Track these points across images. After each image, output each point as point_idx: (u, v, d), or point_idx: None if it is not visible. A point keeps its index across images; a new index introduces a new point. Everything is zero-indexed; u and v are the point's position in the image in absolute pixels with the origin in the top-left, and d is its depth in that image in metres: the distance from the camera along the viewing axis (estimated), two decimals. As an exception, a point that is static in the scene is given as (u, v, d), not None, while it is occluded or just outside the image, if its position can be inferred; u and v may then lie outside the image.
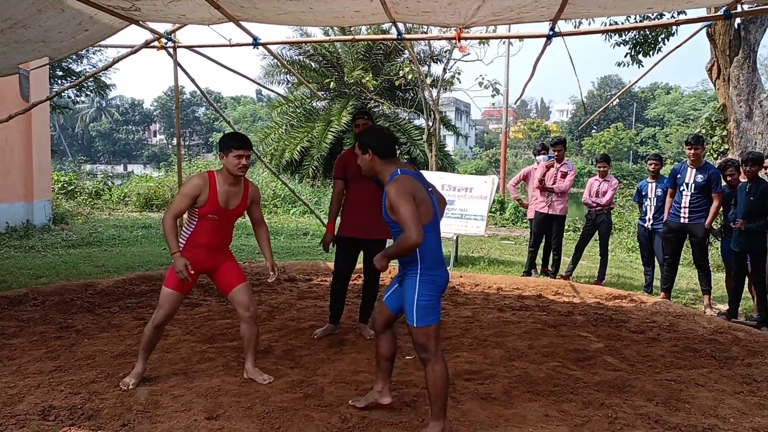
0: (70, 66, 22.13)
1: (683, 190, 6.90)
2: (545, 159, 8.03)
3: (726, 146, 11.46)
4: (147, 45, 6.83)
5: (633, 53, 12.84)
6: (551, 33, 6.07)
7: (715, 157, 11.46)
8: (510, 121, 28.68)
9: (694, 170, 6.85)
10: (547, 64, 7.04)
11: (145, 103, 75.80)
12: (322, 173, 22.38)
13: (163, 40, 6.95)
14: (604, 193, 8.06)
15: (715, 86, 11.90)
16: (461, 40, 6.48)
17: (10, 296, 6.15)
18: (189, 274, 3.80)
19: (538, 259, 8.45)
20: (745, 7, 5.36)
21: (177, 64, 7.39)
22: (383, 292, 3.64)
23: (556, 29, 6.04)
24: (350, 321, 5.69)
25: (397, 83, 18.41)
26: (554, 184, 7.95)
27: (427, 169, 17.62)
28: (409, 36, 7.69)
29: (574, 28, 11.09)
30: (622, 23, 10.67)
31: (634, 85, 10.09)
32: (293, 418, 3.53)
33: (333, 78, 17.95)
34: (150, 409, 3.62)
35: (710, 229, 6.88)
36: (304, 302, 6.59)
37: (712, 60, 11.47)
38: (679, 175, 6.98)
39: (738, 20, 10.77)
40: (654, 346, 5.30)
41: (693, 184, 6.82)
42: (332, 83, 17.02)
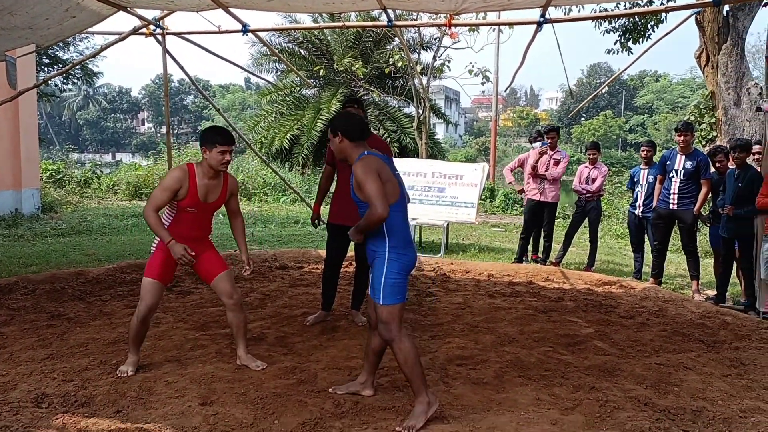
0: (56, 53, 21.89)
1: (672, 176, 6.95)
2: (540, 146, 8.04)
3: (714, 133, 11.53)
4: (135, 32, 6.77)
5: (622, 41, 12.86)
6: (542, 20, 6.08)
7: (703, 144, 11.54)
8: (499, 109, 28.70)
9: (684, 157, 6.90)
10: (536, 51, 7.05)
11: (133, 91, 75.24)
12: (312, 161, 22.32)
13: (152, 27, 6.90)
14: (594, 180, 8.10)
15: (703, 73, 11.95)
16: (452, 27, 6.48)
17: (0, 285, 6.12)
18: (190, 255, 3.78)
19: (528, 245, 8.49)
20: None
21: (166, 51, 7.33)
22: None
23: (547, 16, 6.05)
24: (342, 308, 5.71)
25: (387, 71, 18.36)
26: (546, 171, 7.97)
27: (417, 156, 17.63)
28: (400, 23, 7.68)
29: (564, 15, 11.09)
30: (612, 10, 10.68)
31: (624, 72, 10.12)
32: (287, 404, 3.55)
33: (323, 66, 17.83)
34: (144, 395, 3.63)
35: (699, 215, 6.94)
36: (296, 289, 6.61)
37: (700, 47, 11.52)
38: (669, 162, 7.03)
39: (726, 7, 10.81)
40: (643, 330, 5.36)
41: (682, 171, 6.86)
42: (322, 71, 16.91)
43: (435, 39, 19.28)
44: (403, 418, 3.36)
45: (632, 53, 12.92)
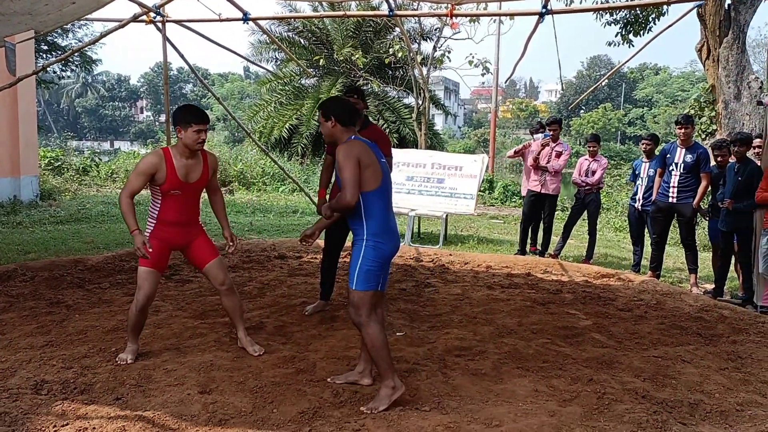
0: (55, 40, 21.74)
1: (672, 169, 6.94)
2: (543, 138, 8.01)
3: (714, 127, 11.51)
4: (135, 19, 6.73)
5: (624, 33, 12.81)
6: (543, 10, 6.06)
7: (703, 137, 11.52)
8: (499, 101, 28.64)
9: (684, 150, 6.89)
10: (536, 43, 7.03)
11: (132, 79, 74.95)
12: (311, 151, 22.28)
13: (152, 15, 6.86)
14: (594, 172, 8.09)
15: (704, 67, 11.92)
16: (453, 17, 6.46)
17: (-2, 272, 6.12)
18: (147, 251, 3.76)
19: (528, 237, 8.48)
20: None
21: (166, 39, 7.30)
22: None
23: (548, 7, 6.03)
24: (341, 298, 5.72)
25: (387, 61, 18.28)
26: (548, 163, 7.95)
27: (416, 147, 17.60)
28: (401, 12, 7.64)
29: (566, 6, 11.06)
30: (614, 2, 10.65)
31: (624, 65, 10.10)
32: (286, 393, 3.56)
33: (322, 55, 17.75)
34: (143, 383, 3.64)
35: (698, 208, 6.94)
36: (294, 279, 6.61)
37: (701, 40, 11.47)
38: (669, 155, 7.02)
39: (728, 0, 10.77)
40: (641, 323, 5.37)
41: (682, 164, 6.85)
42: (321, 60, 16.85)
43: (435, 29, 19.19)
44: (402, 406, 3.37)
45: (633, 46, 12.89)
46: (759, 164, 6.34)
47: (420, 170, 9.78)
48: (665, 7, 10.97)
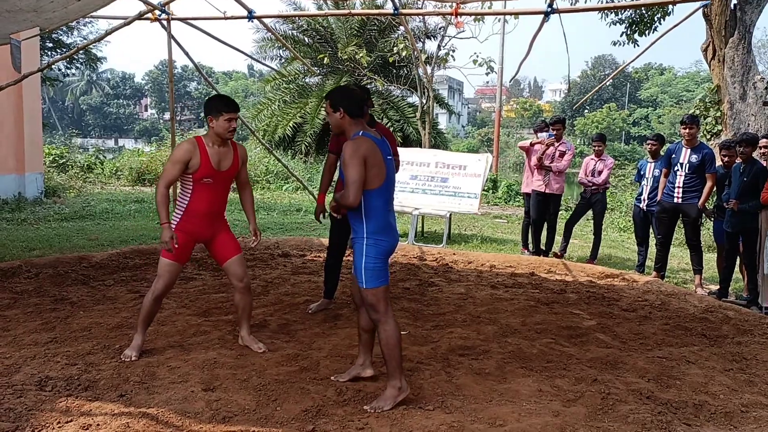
0: (60, 38, 21.83)
1: (677, 170, 6.92)
2: (547, 137, 7.98)
3: (719, 127, 11.49)
4: (140, 17, 6.73)
5: (629, 32, 12.80)
6: (549, 10, 6.05)
7: (708, 138, 11.49)
8: (503, 100, 28.59)
9: (689, 150, 6.86)
10: (540, 42, 6.99)
11: (137, 76, 75.10)
12: (314, 149, 22.27)
13: (157, 12, 6.87)
14: (600, 172, 8.07)
15: (709, 67, 11.89)
16: (458, 16, 6.45)
17: (3, 268, 6.13)
18: (173, 246, 3.82)
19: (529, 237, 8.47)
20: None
21: (171, 36, 7.31)
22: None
23: (554, 6, 6.01)
24: (344, 296, 5.72)
25: (391, 60, 18.27)
26: (552, 163, 7.93)
27: (420, 146, 17.58)
28: (406, 11, 7.64)
29: (571, 5, 11.03)
30: (619, 1, 10.61)
31: (629, 65, 10.05)
32: (289, 391, 3.56)
33: (326, 54, 17.74)
34: (147, 380, 3.64)
35: (703, 209, 6.92)
36: (298, 277, 6.61)
37: (707, 40, 11.45)
38: (674, 155, 7.00)
39: (734, 0, 10.75)
40: (646, 324, 5.36)
41: (687, 164, 6.83)
42: (326, 59, 16.84)
43: (440, 28, 19.17)
44: (406, 405, 3.37)
45: (638, 45, 12.87)
46: (765, 165, 6.32)
47: (424, 169, 9.77)
48: (671, 6, 10.96)
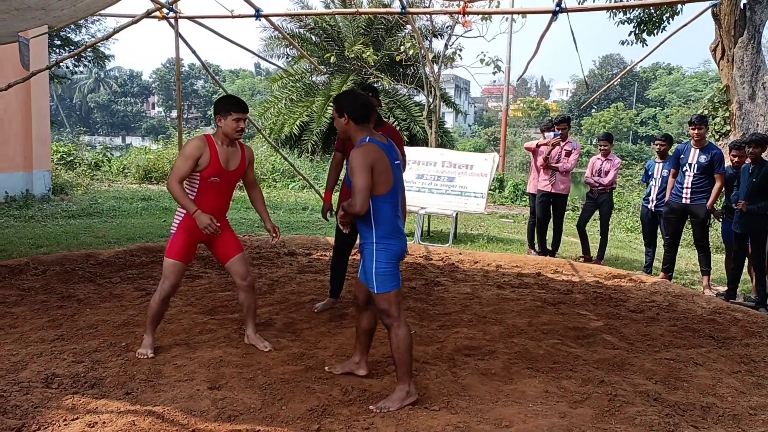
0: (68, 36, 21.87)
1: (686, 170, 6.87)
2: (552, 137, 7.96)
3: (728, 128, 11.41)
4: (148, 15, 6.73)
5: (637, 32, 12.73)
6: (557, 9, 6.01)
7: (716, 138, 11.42)
8: (510, 100, 28.49)
9: (698, 150, 6.82)
10: (548, 42, 6.95)
11: (144, 74, 75.29)
12: (321, 148, 22.28)
13: (165, 11, 6.87)
14: (607, 172, 8.03)
15: (718, 67, 11.81)
16: (465, 15, 6.42)
17: (10, 265, 6.15)
18: (216, 226, 3.82)
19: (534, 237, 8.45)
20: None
21: (178, 35, 7.31)
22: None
23: (562, 5, 5.98)
24: (350, 295, 5.69)
25: (398, 59, 18.25)
26: (558, 163, 7.91)
27: (427, 145, 17.56)
28: (413, 10, 7.62)
29: (579, 4, 10.99)
30: (628, 0, 10.56)
31: (637, 64, 9.98)
32: (295, 390, 3.56)
33: (333, 52, 17.76)
34: (153, 378, 3.65)
35: (712, 210, 6.87)
36: (304, 276, 6.61)
37: (716, 40, 11.37)
38: (682, 156, 6.95)
39: (744, 0, 10.67)
40: (653, 325, 5.33)
41: (696, 165, 6.79)
42: (333, 57, 16.85)
43: (447, 27, 19.12)
44: (410, 407, 3.36)
45: (647, 45, 12.80)
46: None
47: (430, 168, 9.76)
48: (679, 6, 10.89)
